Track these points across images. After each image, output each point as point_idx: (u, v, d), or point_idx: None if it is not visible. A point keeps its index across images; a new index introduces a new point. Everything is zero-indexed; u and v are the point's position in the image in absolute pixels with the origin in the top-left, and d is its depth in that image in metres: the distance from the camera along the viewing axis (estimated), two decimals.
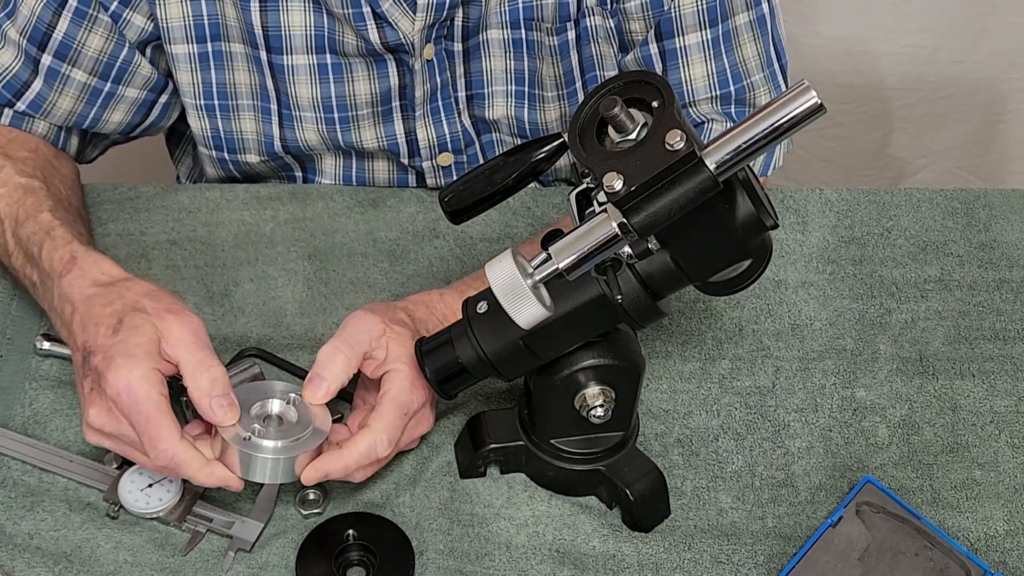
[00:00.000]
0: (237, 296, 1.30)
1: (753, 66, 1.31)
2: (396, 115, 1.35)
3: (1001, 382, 1.26)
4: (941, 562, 1.11)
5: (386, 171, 1.41)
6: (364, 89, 1.32)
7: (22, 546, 1.11)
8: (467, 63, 1.33)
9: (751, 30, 1.30)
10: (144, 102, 1.33)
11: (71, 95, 1.29)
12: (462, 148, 1.38)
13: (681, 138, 0.91)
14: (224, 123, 1.35)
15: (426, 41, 1.28)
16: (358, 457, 1.08)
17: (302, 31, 1.27)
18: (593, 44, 1.32)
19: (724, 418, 1.23)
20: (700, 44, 1.29)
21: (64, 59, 1.26)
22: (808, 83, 0.92)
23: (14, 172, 1.23)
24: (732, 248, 1.01)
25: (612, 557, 1.12)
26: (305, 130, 1.34)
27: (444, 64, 1.31)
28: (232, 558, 1.10)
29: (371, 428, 1.09)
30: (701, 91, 1.31)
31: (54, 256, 1.15)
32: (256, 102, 1.33)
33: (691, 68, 1.30)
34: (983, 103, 2.07)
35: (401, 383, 1.10)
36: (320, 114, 1.33)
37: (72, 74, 1.27)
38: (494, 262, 0.97)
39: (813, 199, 1.41)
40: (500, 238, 1.36)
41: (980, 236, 1.39)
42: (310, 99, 1.32)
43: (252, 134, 1.36)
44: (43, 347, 1.22)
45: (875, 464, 1.20)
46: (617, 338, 1.10)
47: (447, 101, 1.34)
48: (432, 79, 1.32)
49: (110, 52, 1.27)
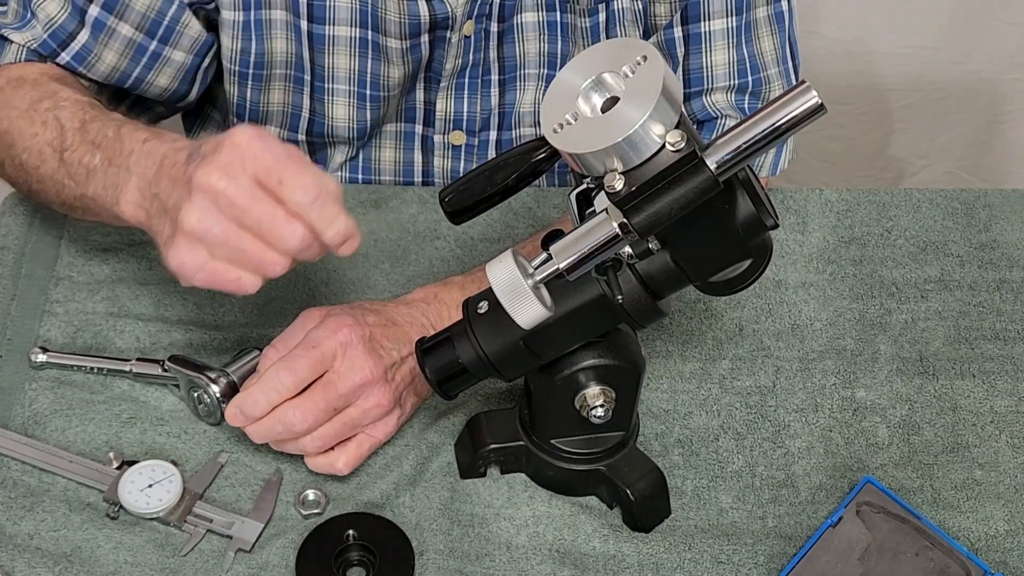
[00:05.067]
0: (237, 296, 1.30)
1: (769, 60, 1.33)
2: (419, 86, 1.36)
3: (1001, 382, 1.26)
4: (941, 562, 1.11)
5: (392, 161, 1.41)
6: (397, 73, 1.33)
7: (22, 546, 1.11)
8: (501, 47, 1.33)
9: (769, 24, 1.32)
10: (190, 68, 1.32)
11: (116, 49, 1.27)
12: (476, 130, 1.38)
13: (682, 138, 0.91)
14: (254, 93, 1.35)
15: (467, 16, 1.29)
16: (264, 386, 1.08)
17: (347, 3, 1.27)
18: (620, 27, 1.33)
19: (724, 418, 1.23)
20: (725, 31, 1.30)
21: (111, 11, 1.25)
22: (808, 83, 0.92)
23: (74, 92, 1.20)
24: (732, 248, 1.01)
25: (612, 557, 1.12)
26: (336, 104, 1.34)
27: (481, 44, 1.32)
28: (232, 558, 1.10)
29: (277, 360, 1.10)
30: (721, 78, 1.32)
31: (131, 137, 1.08)
32: (290, 71, 1.33)
33: (714, 54, 1.31)
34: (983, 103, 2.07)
35: (310, 318, 1.13)
36: (354, 87, 1.33)
37: (119, 28, 1.26)
38: (495, 262, 0.97)
39: (813, 199, 1.41)
40: (501, 239, 1.36)
41: (980, 236, 1.39)
42: (347, 71, 1.32)
43: (279, 105, 1.36)
44: (38, 359, 1.22)
45: (875, 464, 1.20)
46: (617, 338, 1.10)
47: (474, 81, 1.35)
48: (465, 55, 1.32)
49: (158, 8, 1.26)
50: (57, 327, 1.26)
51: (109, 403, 1.20)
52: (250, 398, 1.09)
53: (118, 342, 1.25)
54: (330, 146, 1.40)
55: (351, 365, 1.11)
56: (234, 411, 1.10)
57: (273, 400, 1.09)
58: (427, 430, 1.19)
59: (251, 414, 1.09)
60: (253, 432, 1.11)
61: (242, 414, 1.10)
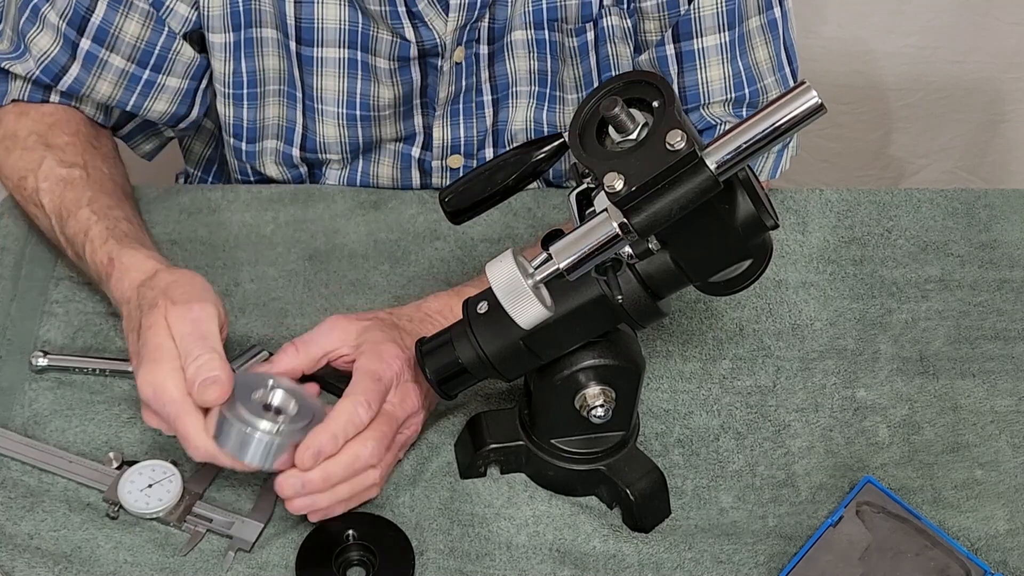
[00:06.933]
0: (238, 296, 1.30)
1: (765, 69, 1.32)
2: (416, 112, 1.35)
3: (1002, 382, 1.26)
4: (941, 562, 1.11)
5: (390, 178, 1.41)
6: (388, 94, 1.33)
7: (22, 546, 1.10)
8: (492, 67, 1.33)
9: (763, 34, 1.31)
10: (187, 92, 1.33)
11: (110, 80, 1.29)
12: (474, 152, 1.38)
13: (682, 138, 0.91)
14: (249, 111, 1.35)
15: (457, 43, 1.28)
16: (343, 423, 1.06)
17: (335, 25, 1.27)
18: (610, 44, 1.32)
19: (725, 418, 1.23)
20: (718, 47, 1.29)
21: (102, 44, 1.27)
22: (808, 83, 0.92)
23: (55, 163, 1.25)
24: (732, 248, 1.01)
25: (612, 557, 1.12)
26: (326, 123, 1.34)
27: (472, 68, 1.32)
28: (232, 558, 1.10)
29: (347, 396, 1.08)
30: (716, 93, 1.31)
31: (96, 260, 1.18)
32: (283, 87, 1.33)
33: (708, 70, 1.30)
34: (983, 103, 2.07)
35: (368, 355, 1.11)
36: (343, 109, 1.33)
37: (111, 59, 1.27)
38: (494, 262, 0.97)
39: (813, 199, 1.41)
40: (501, 239, 1.36)
41: (981, 236, 1.39)
42: (335, 92, 1.32)
43: (274, 119, 1.36)
44: (39, 363, 1.22)
45: (876, 464, 1.20)
46: (617, 338, 1.10)
47: (468, 105, 1.35)
48: (458, 82, 1.32)
49: (147, 39, 1.27)
50: (57, 328, 1.26)
51: (109, 403, 1.20)
52: (324, 436, 1.06)
53: (118, 342, 1.25)
54: (325, 163, 1.40)
55: (404, 395, 1.12)
56: (310, 453, 1.05)
57: (349, 435, 1.07)
58: (427, 430, 1.19)
59: (328, 452, 1.06)
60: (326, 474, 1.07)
61: (319, 454, 1.06)
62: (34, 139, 1.28)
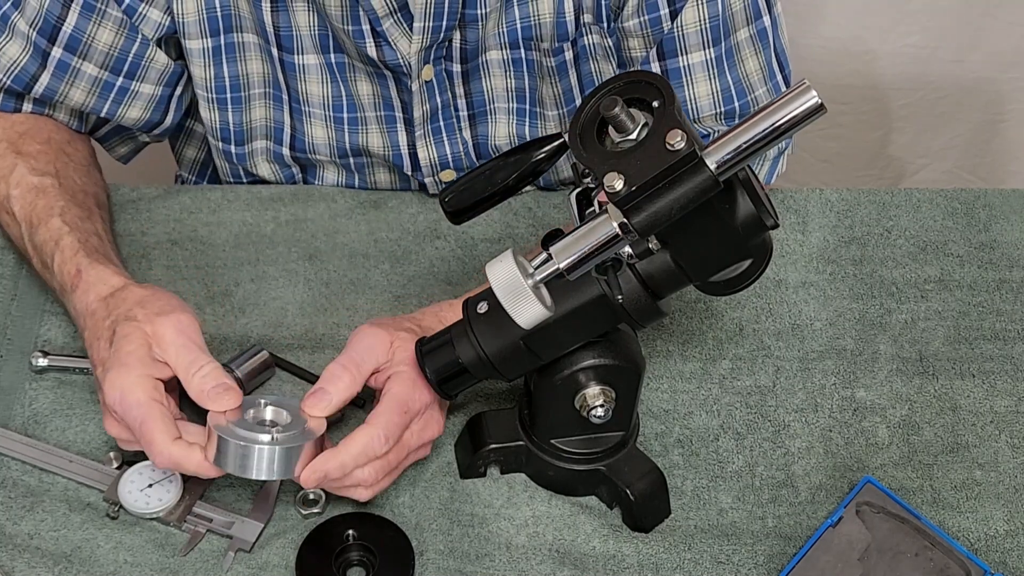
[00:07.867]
0: (238, 296, 1.30)
1: (756, 80, 1.31)
2: (400, 127, 1.34)
3: (1001, 382, 1.26)
4: (941, 562, 1.11)
5: (388, 184, 1.41)
6: (367, 90, 1.32)
7: (22, 546, 1.11)
8: (467, 84, 1.32)
9: (752, 44, 1.30)
10: (161, 98, 1.32)
11: (83, 88, 1.28)
12: (464, 166, 1.38)
13: (682, 138, 0.91)
14: (235, 115, 1.34)
15: (424, 62, 1.28)
16: (355, 454, 1.07)
17: (308, 31, 1.27)
18: (592, 62, 1.31)
19: (724, 418, 1.23)
20: (704, 63, 1.28)
21: (75, 52, 1.26)
22: (808, 83, 0.92)
23: (27, 171, 1.24)
24: (732, 248, 1.01)
25: (612, 557, 1.12)
26: (314, 126, 1.34)
27: (444, 85, 1.31)
28: (232, 558, 1.10)
29: (369, 424, 1.08)
30: (706, 108, 1.30)
31: (64, 270, 1.17)
32: (268, 89, 1.33)
33: (695, 87, 1.29)
34: (983, 103, 2.07)
35: (403, 382, 1.10)
36: (329, 112, 1.33)
37: (83, 67, 1.27)
38: (494, 262, 0.97)
39: (813, 199, 1.41)
40: (501, 239, 1.36)
41: (980, 236, 1.39)
42: (320, 97, 1.32)
43: (262, 121, 1.35)
44: (40, 363, 1.22)
45: (875, 464, 1.20)
46: (617, 338, 1.10)
47: (448, 121, 1.34)
48: (432, 99, 1.31)
49: (120, 47, 1.27)
50: (57, 327, 1.26)
51: None
52: (334, 463, 1.06)
53: None
54: (319, 165, 1.39)
55: (426, 423, 1.12)
56: (316, 476, 1.06)
57: (360, 465, 1.08)
58: None
59: (333, 478, 1.07)
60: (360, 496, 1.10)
61: (325, 478, 1.07)
62: (4, 146, 1.27)
